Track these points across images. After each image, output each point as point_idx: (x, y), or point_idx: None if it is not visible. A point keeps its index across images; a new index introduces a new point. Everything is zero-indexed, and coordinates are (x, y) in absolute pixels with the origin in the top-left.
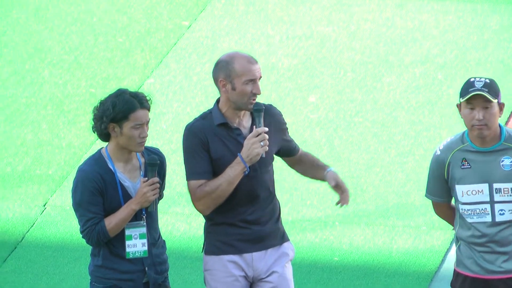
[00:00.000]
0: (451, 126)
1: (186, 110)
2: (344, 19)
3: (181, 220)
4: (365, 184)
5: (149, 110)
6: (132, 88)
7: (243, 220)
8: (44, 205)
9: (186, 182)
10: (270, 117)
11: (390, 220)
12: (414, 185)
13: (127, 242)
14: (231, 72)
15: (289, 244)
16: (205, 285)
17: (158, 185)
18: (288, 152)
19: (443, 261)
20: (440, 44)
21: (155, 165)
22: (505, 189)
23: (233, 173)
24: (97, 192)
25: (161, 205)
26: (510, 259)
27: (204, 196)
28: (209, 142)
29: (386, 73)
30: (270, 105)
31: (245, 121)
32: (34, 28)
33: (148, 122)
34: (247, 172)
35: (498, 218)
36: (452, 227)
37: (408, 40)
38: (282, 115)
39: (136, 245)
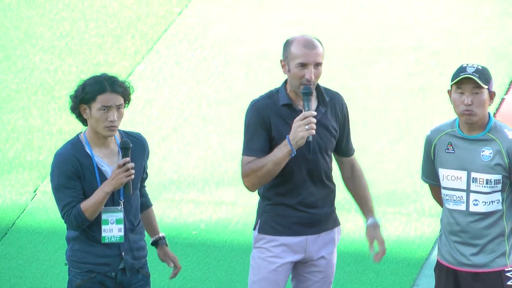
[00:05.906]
0: (444, 113)
1: (177, 97)
2: (337, 6)
3: (171, 207)
4: None
5: (121, 95)
6: (122, 74)
7: (302, 203)
8: (35, 191)
9: (178, 169)
10: (334, 103)
11: (381, 207)
12: (405, 172)
13: (103, 227)
14: (288, 54)
15: (339, 228)
16: (251, 260)
17: (130, 166)
18: (338, 148)
19: (433, 248)
20: (433, 31)
21: (127, 148)
22: (480, 180)
23: (280, 154)
24: (74, 176)
25: (151, 191)
26: (479, 253)
27: (250, 174)
28: (271, 121)
29: (379, 60)
30: (337, 93)
31: (311, 104)
32: (25, 14)
33: (118, 106)
34: (293, 155)
35: (472, 208)
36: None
37: (400, 27)
38: (345, 107)
39: (112, 230)
